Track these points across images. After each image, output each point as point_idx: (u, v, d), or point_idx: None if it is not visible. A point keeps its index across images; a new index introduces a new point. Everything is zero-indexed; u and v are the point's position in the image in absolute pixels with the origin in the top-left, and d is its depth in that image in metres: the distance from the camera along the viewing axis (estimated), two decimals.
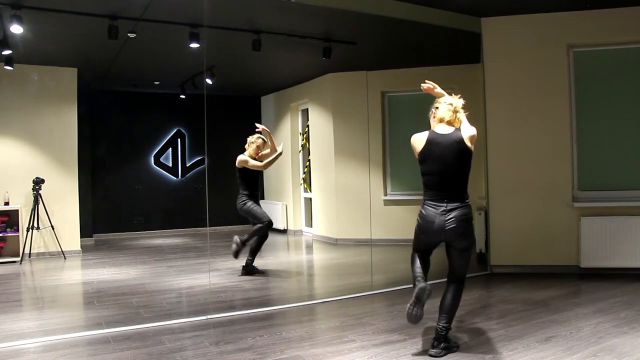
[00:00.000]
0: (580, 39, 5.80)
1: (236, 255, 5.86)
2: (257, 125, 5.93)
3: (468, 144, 3.25)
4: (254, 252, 5.95)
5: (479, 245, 6.36)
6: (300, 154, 9.40)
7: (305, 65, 8.00)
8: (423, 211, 3.31)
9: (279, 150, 5.94)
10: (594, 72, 5.90)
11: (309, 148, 9.10)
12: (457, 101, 3.38)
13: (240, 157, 5.87)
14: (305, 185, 9.25)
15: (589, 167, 5.86)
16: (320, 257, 7.99)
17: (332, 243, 8.16)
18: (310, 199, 9.04)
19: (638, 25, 5.56)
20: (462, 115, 3.36)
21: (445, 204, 3.23)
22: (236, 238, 5.87)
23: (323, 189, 8.57)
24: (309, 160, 9.11)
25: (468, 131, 3.28)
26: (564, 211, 5.75)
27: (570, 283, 5.30)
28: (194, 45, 5.79)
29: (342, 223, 8.10)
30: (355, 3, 5.36)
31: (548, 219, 5.79)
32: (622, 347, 3.38)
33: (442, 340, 3.30)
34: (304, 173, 9.31)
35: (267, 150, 6.07)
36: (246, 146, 6.01)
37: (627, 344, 3.43)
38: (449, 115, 3.31)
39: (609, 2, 5.48)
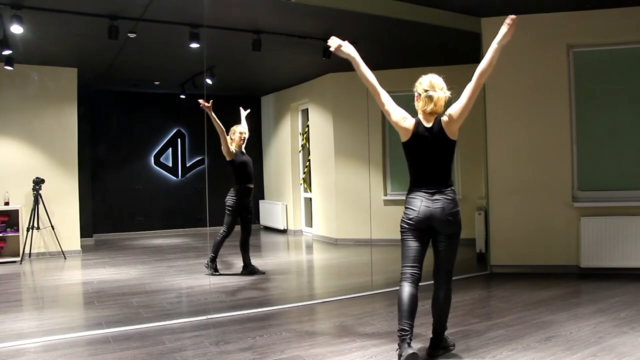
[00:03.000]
0: (580, 39, 5.80)
1: (215, 270, 5.87)
2: (200, 101, 5.58)
3: (449, 135, 3.13)
4: (244, 249, 5.96)
5: (479, 245, 6.37)
6: (300, 154, 9.41)
7: (305, 65, 8.00)
8: (409, 197, 3.22)
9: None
10: (594, 72, 5.90)
11: (309, 148, 9.10)
12: (439, 93, 3.14)
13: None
14: (305, 185, 9.25)
15: (589, 167, 5.86)
16: (320, 257, 7.99)
17: (332, 243, 8.16)
18: (310, 199, 9.04)
19: (638, 25, 5.56)
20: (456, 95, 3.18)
21: (430, 189, 3.14)
22: (206, 263, 5.88)
23: (323, 189, 8.58)
24: (309, 160, 9.11)
25: (450, 115, 3.12)
26: (564, 211, 5.75)
27: (570, 283, 5.30)
28: (194, 45, 5.79)
29: (342, 223, 8.10)
30: (355, 3, 5.36)
31: (548, 219, 5.79)
32: (622, 347, 3.38)
33: (439, 341, 3.30)
34: (304, 173, 9.32)
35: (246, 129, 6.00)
36: (229, 134, 5.90)
37: (627, 344, 3.43)
38: (429, 107, 3.15)
39: (609, 2, 5.48)
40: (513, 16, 3.07)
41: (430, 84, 3.17)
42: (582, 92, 5.88)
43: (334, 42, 3.36)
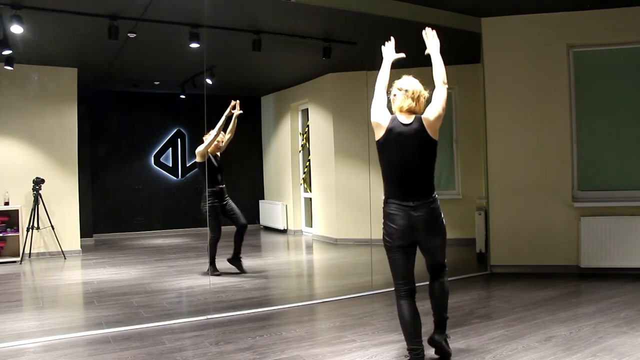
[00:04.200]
0: (580, 39, 5.80)
1: (215, 271, 5.85)
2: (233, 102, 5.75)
3: (430, 133, 2.96)
4: (237, 241, 5.95)
5: (479, 245, 6.36)
6: (300, 154, 9.40)
7: (305, 65, 8.00)
8: (387, 211, 3.00)
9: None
10: (594, 72, 5.90)
11: (309, 148, 9.10)
12: (415, 86, 3.02)
13: (197, 150, 5.76)
14: (305, 185, 9.25)
15: (589, 167, 5.86)
16: (320, 257, 7.99)
17: (332, 243, 8.16)
18: (310, 199, 9.04)
19: (638, 25, 5.56)
20: (434, 94, 3.05)
21: (411, 200, 2.94)
22: (209, 273, 5.86)
23: (323, 189, 8.57)
24: (309, 160, 9.11)
25: (430, 115, 2.96)
26: (564, 211, 5.75)
27: (570, 283, 5.30)
28: (194, 45, 5.78)
29: (342, 223, 8.10)
30: (355, 3, 5.36)
31: (548, 219, 5.79)
32: (622, 347, 3.38)
33: (444, 327, 3.24)
34: (304, 173, 9.32)
35: (229, 136, 5.98)
36: (206, 136, 5.87)
37: (627, 344, 3.43)
38: (407, 103, 2.98)
39: (609, 2, 5.48)
40: (427, 29, 3.24)
41: (405, 82, 3.08)
42: (582, 92, 5.87)
43: (389, 42, 3.40)
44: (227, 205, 5.94)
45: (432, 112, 3.00)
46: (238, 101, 5.72)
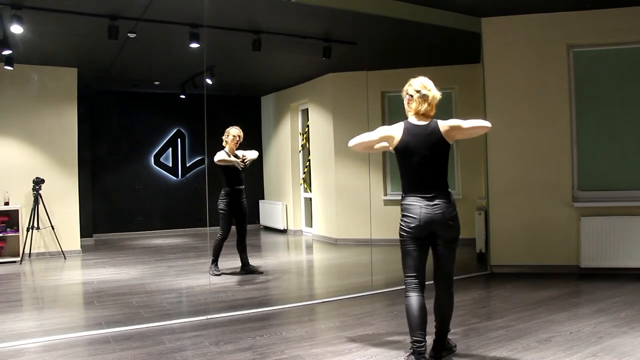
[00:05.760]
0: (580, 39, 5.80)
1: (217, 271, 5.89)
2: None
3: (445, 136, 3.08)
4: (241, 250, 5.98)
5: (479, 245, 6.37)
6: (300, 154, 9.41)
7: (305, 65, 8.00)
8: (405, 204, 3.11)
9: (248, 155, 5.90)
10: (594, 72, 5.90)
11: (309, 148, 9.10)
12: (432, 92, 3.12)
13: (217, 155, 5.82)
14: (305, 185, 9.25)
15: (589, 167, 5.86)
16: (320, 257, 7.99)
17: (332, 243, 8.16)
18: (310, 199, 9.04)
19: (638, 25, 5.56)
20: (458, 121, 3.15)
21: (428, 193, 3.05)
22: (210, 271, 5.89)
23: (323, 189, 8.57)
24: (309, 160, 9.11)
25: (449, 122, 3.11)
26: (564, 211, 5.75)
27: (570, 283, 5.30)
28: (194, 45, 5.79)
29: (342, 223, 8.10)
30: (355, 3, 5.36)
31: (548, 219, 5.79)
32: (622, 347, 3.38)
33: (442, 343, 3.28)
34: (304, 173, 9.32)
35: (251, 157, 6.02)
36: (224, 137, 5.92)
37: (627, 344, 3.43)
38: (423, 107, 3.10)
39: (609, 2, 5.48)
40: None
41: (422, 85, 3.14)
42: (582, 92, 5.88)
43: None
44: (242, 207, 5.97)
45: (452, 122, 3.12)
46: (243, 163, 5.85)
